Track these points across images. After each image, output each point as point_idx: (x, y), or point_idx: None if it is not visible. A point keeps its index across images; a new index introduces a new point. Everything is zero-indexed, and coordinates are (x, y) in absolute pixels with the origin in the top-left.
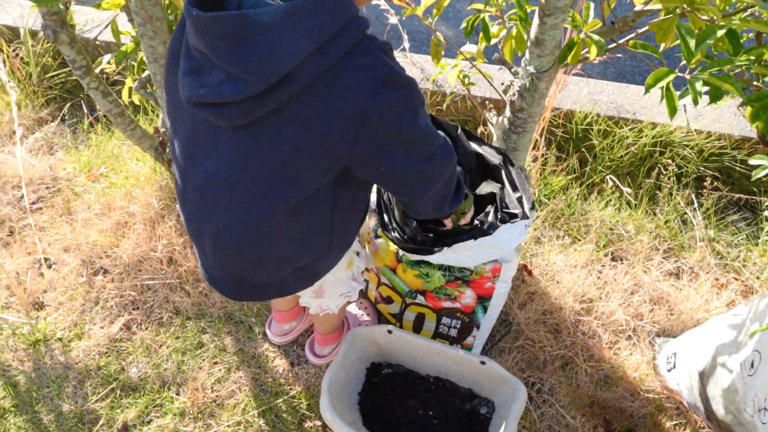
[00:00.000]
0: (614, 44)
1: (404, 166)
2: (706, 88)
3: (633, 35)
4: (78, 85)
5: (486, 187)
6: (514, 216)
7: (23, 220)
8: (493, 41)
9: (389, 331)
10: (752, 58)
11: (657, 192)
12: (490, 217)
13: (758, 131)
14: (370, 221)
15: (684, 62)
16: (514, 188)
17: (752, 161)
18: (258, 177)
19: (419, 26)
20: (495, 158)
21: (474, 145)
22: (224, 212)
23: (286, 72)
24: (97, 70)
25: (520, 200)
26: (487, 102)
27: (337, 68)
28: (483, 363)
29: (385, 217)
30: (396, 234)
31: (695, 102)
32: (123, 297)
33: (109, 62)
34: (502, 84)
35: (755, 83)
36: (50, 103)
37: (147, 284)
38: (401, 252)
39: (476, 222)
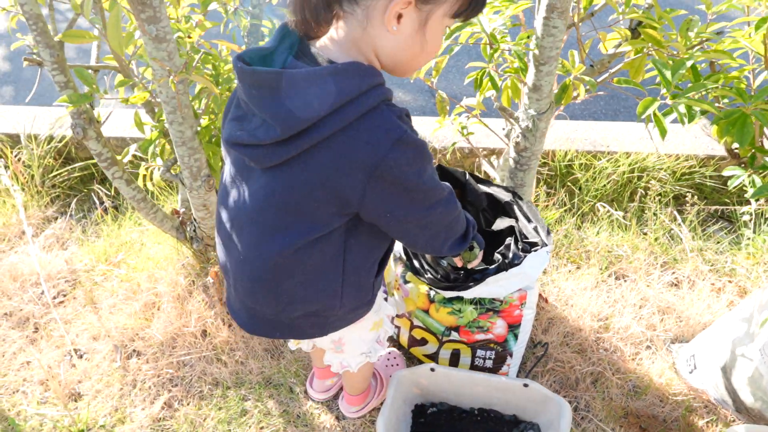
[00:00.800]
0: (596, 83)
1: (407, 213)
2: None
3: (607, 75)
4: (81, 181)
5: (501, 223)
6: (534, 245)
7: (47, 315)
8: (488, 93)
9: (432, 369)
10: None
11: (643, 213)
12: (512, 248)
13: (726, 145)
14: (397, 269)
15: (663, 91)
16: (528, 220)
17: (726, 172)
18: (277, 213)
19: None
20: (505, 196)
21: (483, 187)
22: (246, 244)
23: (309, 124)
24: (125, 160)
25: (536, 229)
26: (481, 149)
27: (354, 126)
28: (526, 386)
29: (415, 262)
30: (430, 275)
31: (682, 122)
32: (160, 376)
33: (135, 152)
34: (503, 129)
35: (716, 104)
36: (54, 202)
37: (183, 360)
38: (433, 292)
39: (498, 255)
